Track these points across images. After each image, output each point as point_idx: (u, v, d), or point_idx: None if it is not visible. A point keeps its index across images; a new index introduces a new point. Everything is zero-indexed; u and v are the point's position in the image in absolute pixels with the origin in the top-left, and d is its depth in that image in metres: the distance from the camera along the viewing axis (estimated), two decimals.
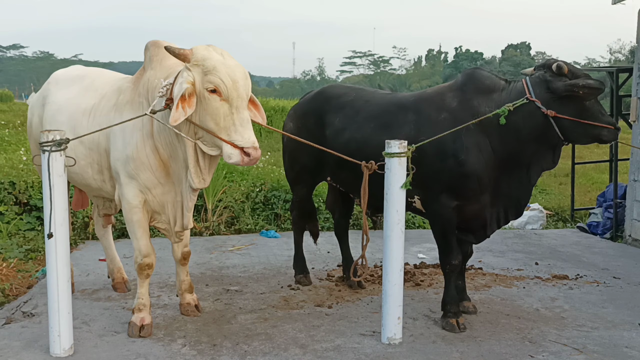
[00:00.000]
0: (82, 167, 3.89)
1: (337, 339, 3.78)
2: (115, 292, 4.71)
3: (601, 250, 6.44)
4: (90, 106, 3.93)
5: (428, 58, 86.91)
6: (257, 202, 7.56)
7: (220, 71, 3.22)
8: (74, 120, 3.93)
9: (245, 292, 4.75)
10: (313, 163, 4.49)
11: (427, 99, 3.97)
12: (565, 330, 3.96)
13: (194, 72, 3.26)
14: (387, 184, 3.61)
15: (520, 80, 3.77)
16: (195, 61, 3.26)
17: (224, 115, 3.23)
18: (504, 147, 3.72)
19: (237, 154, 3.21)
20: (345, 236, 5.00)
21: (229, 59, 3.32)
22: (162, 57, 3.67)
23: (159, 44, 3.73)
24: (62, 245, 3.37)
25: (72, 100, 4.04)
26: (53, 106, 4.12)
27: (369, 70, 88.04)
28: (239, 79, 3.26)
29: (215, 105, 3.23)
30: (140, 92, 3.72)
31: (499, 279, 5.22)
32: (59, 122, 3.98)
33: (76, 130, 3.83)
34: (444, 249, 3.94)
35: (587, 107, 3.56)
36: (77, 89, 4.11)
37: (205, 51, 3.29)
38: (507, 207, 3.85)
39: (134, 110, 3.69)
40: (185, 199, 3.66)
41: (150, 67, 3.72)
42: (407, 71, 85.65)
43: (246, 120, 3.27)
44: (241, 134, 3.22)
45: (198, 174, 3.48)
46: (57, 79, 4.33)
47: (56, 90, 4.20)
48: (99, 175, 3.92)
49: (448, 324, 3.92)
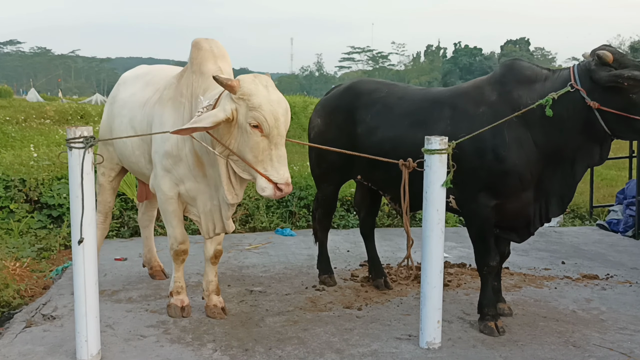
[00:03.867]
0: (137, 157, 4.11)
1: (373, 344, 3.64)
2: (154, 279, 4.90)
3: (626, 248, 6.31)
4: (146, 99, 4.09)
5: (427, 54, 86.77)
6: (271, 199, 7.39)
7: (264, 110, 3.26)
8: (132, 113, 4.15)
9: (270, 293, 4.61)
10: (342, 161, 4.33)
11: (464, 93, 3.80)
12: (608, 333, 3.83)
13: (238, 105, 3.29)
14: (426, 182, 3.46)
15: (567, 68, 3.57)
16: (242, 95, 3.29)
17: (263, 150, 3.31)
18: (547, 140, 3.52)
19: (270, 188, 3.31)
20: (371, 235, 4.85)
21: (273, 93, 3.36)
22: (201, 61, 3.75)
23: (199, 45, 3.82)
24: (90, 247, 3.21)
25: (134, 95, 4.24)
26: (120, 103, 4.35)
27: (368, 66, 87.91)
28: (281, 115, 3.32)
29: (255, 139, 3.29)
30: (183, 92, 3.79)
31: (528, 279, 5.09)
32: (122, 115, 4.24)
33: (132, 122, 4.10)
34: (482, 250, 3.80)
35: (636, 101, 3.31)
36: (140, 84, 4.30)
37: (252, 85, 3.31)
38: (550, 203, 3.67)
39: (174, 107, 3.79)
40: (223, 209, 3.75)
41: (191, 69, 3.80)
42: (406, 67, 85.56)
43: (283, 156, 3.35)
44: (277, 170, 3.30)
45: (231, 190, 3.56)
46: (125, 79, 4.58)
47: (124, 89, 4.44)
48: (150, 165, 4.02)
49: (487, 327, 3.78)
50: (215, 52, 3.83)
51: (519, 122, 3.53)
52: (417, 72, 78.61)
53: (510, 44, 77.95)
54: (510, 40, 79.05)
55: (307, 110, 18.31)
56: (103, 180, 4.61)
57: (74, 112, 20.52)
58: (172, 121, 3.75)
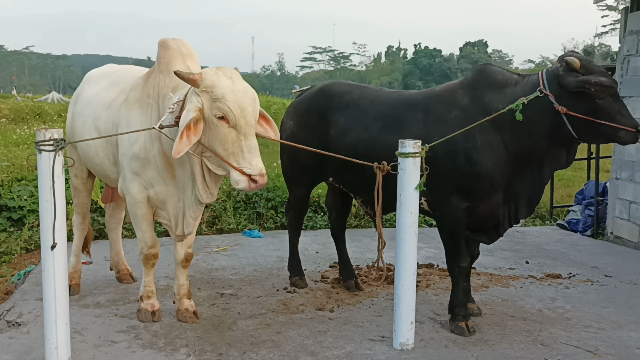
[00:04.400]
0: (101, 159, 4.02)
1: (347, 345, 3.66)
2: (121, 283, 4.82)
3: (585, 247, 6.50)
4: (110, 100, 4.00)
5: (388, 54, 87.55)
6: (238, 200, 7.36)
7: (228, 100, 3.21)
8: (96, 113, 4.05)
9: (241, 296, 4.58)
10: (314, 163, 4.34)
11: (437, 97, 3.86)
12: (574, 331, 3.94)
13: (202, 97, 3.25)
14: (400, 185, 3.50)
15: (536, 73, 3.65)
16: (204, 87, 3.25)
17: (232, 142, 3.25)
18: (516, 144, 3.61)
19: (244, 180, 3.24)
20: (342, 236, 4.88)
21: (238, 83, 3.31)
22: (168, 60, 3.70)
23: (166, 45, 3.80)
24: (60, 252, 3.14)
25: (98, 95, 4.14)
26: (83, 102, 4.27)
27: (329, 66, 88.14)
28: (247, 105, 3.26)
29: (223, 131, 3.24)
30: (150, 93, 3.72)
31: (495, 278, 5.19)
32: (85, 115, 4.15)
33: (96, 123, 4.01)
34: (453, 252, 3.86)
35: (602, 106, 3.41)
36: (104, 84, 4.21)
37: (214, 77, 3.27)
38: (519, 205, 3.76)
39: (142, 108, 3.72)
40: (190, 209, 3.68)
41: (159, 69, 3.74)
42: (367, 67, 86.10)
43: (254, 147, 3.28)
44: (249, 161, 3.24)
45: (205, 189, 3.51)
46: (90, 77, 4.50)
47: (88, 87, 4.35)
48: (115, 167, 3.96)
49: (457, 327, 3.85)
50: (183, 51, 3.79)
51: (490, 126, 3.60)
52: (378, 72, 79.20)
53: (468, 46, 79.30)
54: (469, 42, 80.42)
55: (270, 110, 18.26)
56: (77, 182, 4.52)
57: (30, 110, 19.96)
58: (140, 122, 3.68)
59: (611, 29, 56.69)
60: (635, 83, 6.29)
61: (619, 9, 52.98)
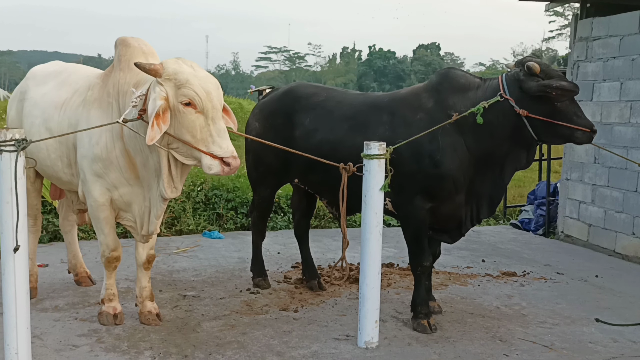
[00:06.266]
0: (52, 160, 3.89)
1: (313, 345, 3.69)
2: (80, 286, 4.72)
3: (538, 246, 6.73)
4: (63, 100, 3.87)
5: (343, 55, 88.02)
6: (197, 201, 7.30)
7: (193, 84, 3.20)
8: (46, 114, 3.91)
9: (204, 298, 4.56)
10: (279, 164, 4.36)
11: (402, 100, 3.94)
12: (530, 327, 4.09)
13: (166, 86, 3.23)
14: (365, 186, 3.56)
15: (496, 77, 3.78)
16: (167, 75, 3.23)
17: (201, 127, 3.23)
18: (478, 146, 3.72)
19: (217, 164, 3.21)
20: (305, 237, 4.91)
21: (199, 70, 3.31)
22: (129, 58, 3.63)
23: (127, 43, 3.74)
24: (21, 256, 3.06)
25: (47, 95, 3.99)
26: (30, 101, 4.11)
27: (284, 66, 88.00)
28: (212, 89, 3.26)
29: (190, 118, 3.21)
30: (110, 92, 3.65)
31: (453, 277, 5.32)
32: (33, 115, 4.01)
33: (47, 124, 3.86)
34: (416, 251, 3.94)
35: (560, 108, 3.56)
36: (53, 83, 4.06)
37: (175, 65, 3.27)
38: (481, 205, 3.87)
39: (101, 108, 3.65)
40: (154, 207, 3.63)
41: (119, 67, 3.67)
42: (322, 68, 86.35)
43: (223, 130, 3.27)
44: (219, 145, 3.22)
45: (170, 184, 3.47)
46: (35, 74, 4.32)
47: (34, 85, 4.18)
48: (68, 169, 3.88)
49: (420, 325, 3.93)
50: (144, 49, 3.76)
51: (453, 128, 3.70)
52: (333, 73, 79.55)
53: (422, 48, 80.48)
54: (422, 44, 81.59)
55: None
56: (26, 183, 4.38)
57: None
58: (100, 122, 3.59)
59: (558, 34, 58.65)
60: (584, 87, 6.55)
61: (565, 14, 54.83)
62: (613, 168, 6.36)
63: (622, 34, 6.25)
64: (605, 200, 6.45)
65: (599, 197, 6.54)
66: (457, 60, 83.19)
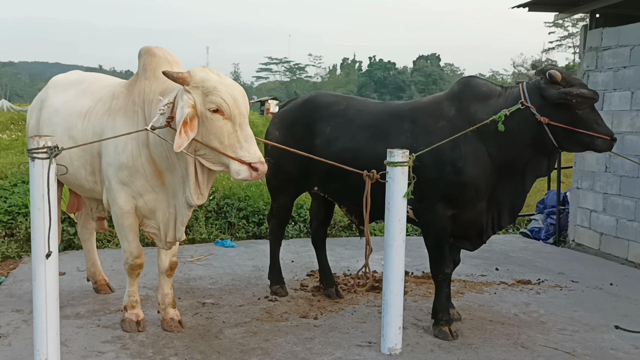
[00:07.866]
0: (75, 168, 3.90)
1: (336, 351, 3.71)
2: (99, 294, 4.74)
3: (550, 254, 6.75)
4: (86, 109, 3.92)
5: (343, 66, 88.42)
6: (209, 210, 7.33)
7: (220, 91, 3.26)
8: (69, 122, 3.94)
9: (223, 305, 4.58)
10: (300, 172, 4.40)
11: (423, 108, 3.98)
12: (550, 334, 4.10)
13: (194, 94, 3.28)
14: (389, 193, 3.59)
15: (517, 86, 3.83)
16: (195, 83, 3.28)
17: (228, 134, 3.28)
18: (500, 153, 3.75)
19: (245, 169, 3.25)
20: (323, 245, 4.93)
21: (225, 78, 3.38)
22: (155, 67, 3.69)
23: (152, 52, 3.80)
24: (52, 262, 3.09)
25: (68, 103, 4.02)
26: (50, 109, 4.11)
27: (285, 77, 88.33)
28: (239, 96, 3.32)
29: (218, 124, 3.26)
30: (135, 100, 3.70)
31: (468, 285, 5.34)
32: (55, 123, 4.02)
33: (71, 132, 3.89)
34: (437, 258, 3.96)
35: (581, 116, 3.60)
36: (75, 92, 4.09)
37: (202, 72, 3.33)
38: (502, 213, 3.90)
39: (127, 117, 3.70)
40: (180, 214, 3.67)
41: (144, 76, 3.72)
42: (323, 79, 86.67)
43: (250, 136, 3.32)
44: (247, 150, 3.27)
45: (197, 190, 3.50)
46: (55, 83, 4.38)
47: (54, 94, 4.20)
48: (92, 177, 3.91)
49: (441, 332, 3.95)
50: (169, 58, 3.81)
51: (475, 136, 3.74)
52: (334, 84, 79.86)
53: (422, 59, 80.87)
54: (422, 55, 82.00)
55: None
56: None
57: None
58: (126, 130, 3.65)
59: (558, 45, 58.95)
60: None
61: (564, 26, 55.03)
62: (625, 177, 6.40)
63: (632, 44, 6.32)
64: (617, 209, 6.49)
65: (611, 205, 6.58)
66: (457, 71, 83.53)
